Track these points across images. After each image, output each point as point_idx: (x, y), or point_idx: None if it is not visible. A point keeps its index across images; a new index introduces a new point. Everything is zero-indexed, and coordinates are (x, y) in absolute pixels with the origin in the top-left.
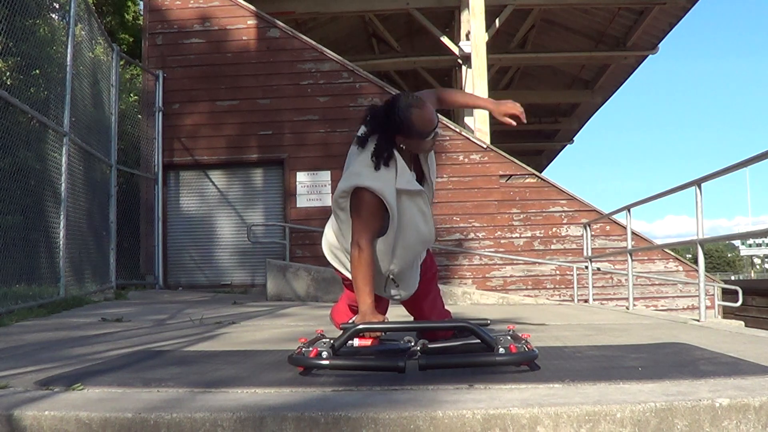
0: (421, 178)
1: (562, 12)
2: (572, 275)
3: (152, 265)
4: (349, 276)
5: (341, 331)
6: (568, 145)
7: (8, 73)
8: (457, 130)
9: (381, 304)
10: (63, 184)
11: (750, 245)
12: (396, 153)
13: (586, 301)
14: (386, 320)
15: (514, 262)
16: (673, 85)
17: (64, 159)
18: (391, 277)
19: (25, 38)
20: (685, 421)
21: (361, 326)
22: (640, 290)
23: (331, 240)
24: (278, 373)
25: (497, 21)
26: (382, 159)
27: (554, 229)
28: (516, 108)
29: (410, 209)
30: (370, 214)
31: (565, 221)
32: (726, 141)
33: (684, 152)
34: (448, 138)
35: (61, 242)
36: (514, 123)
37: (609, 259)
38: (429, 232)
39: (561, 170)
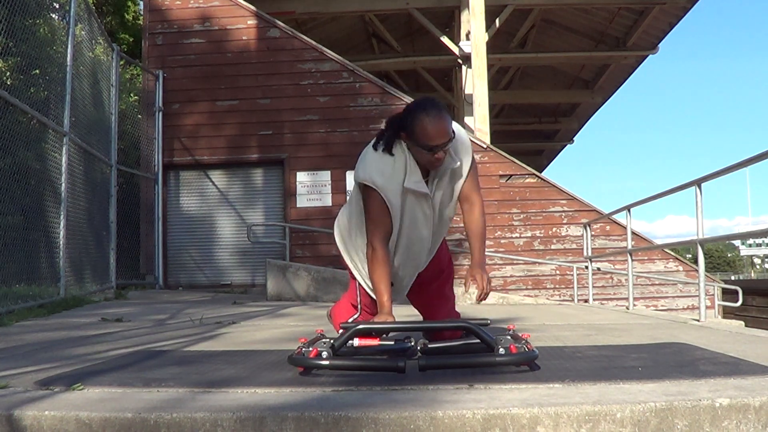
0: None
1: (562, 12)
2: (572, 275)
3: (152, 265)
4: (351, 269)
5: (341, 331)
6: (568, 145)
7: (8, 73)
8: None
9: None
10: (63, 184)
11: (750, 245)
12: (408, 153)
13: (586, 301)
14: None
15: (514, 262)
16: (673, 85)
17: (64, 159)
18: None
19: (25, 38)
20: (685, 421)
21: (361, 326)
22: (640, 290)
23: (344, 232)
24: (278, 373)
25: (497, 21)
26: (381, 142)
27: (554, 229)
28: (480, 287)
29: (414, 211)
30: (378, 210)
31: (565, 221)
32: (726, 141)
33: (684, 152)
34: None
35: (61, 242)
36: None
37: (609, 259)
38: (428, 236)
39: (561, 170)
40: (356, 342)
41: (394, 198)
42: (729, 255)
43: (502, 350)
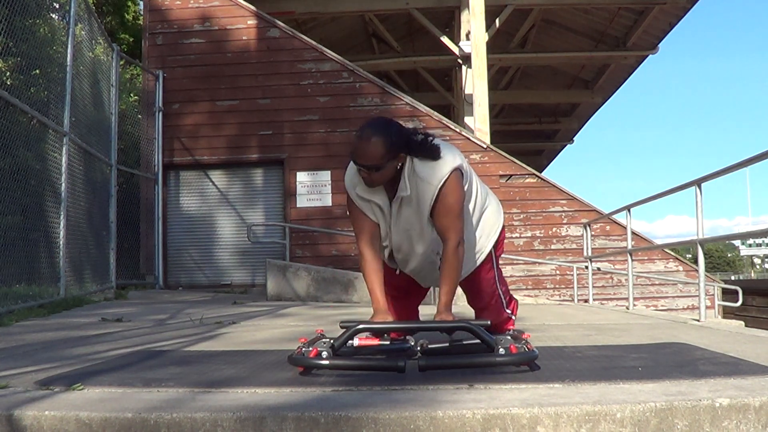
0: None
1: (562, 12)
2: (572, 275)
3: (152, 265)
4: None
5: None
6: (568, 145)
7: (8, 73)
8: (457, 130)
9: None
10: (63, 184)
11: (750, 245)
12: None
13: (586, 301)
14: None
15: (514, 262)
16: (673, 85)
17: (64, 159)
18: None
19: (25, 38)
20: (685, 421)
21: (360, 326)
22: (640, 290)
23: None
24: (278, 373)
25: (497, 21)
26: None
27: (554, 229)
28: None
29: (376, 218)
30: (351, 208)
31: (565, 221)
32: (726, 141)
33: (684, 152)
34: (448, 138)
35: (61, 242)
36: None
37: (609, 259)
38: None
39: (561, 170)
40: (356, 342)
41: (355, 198)
42: (729, 255)
43: (502, 350)
